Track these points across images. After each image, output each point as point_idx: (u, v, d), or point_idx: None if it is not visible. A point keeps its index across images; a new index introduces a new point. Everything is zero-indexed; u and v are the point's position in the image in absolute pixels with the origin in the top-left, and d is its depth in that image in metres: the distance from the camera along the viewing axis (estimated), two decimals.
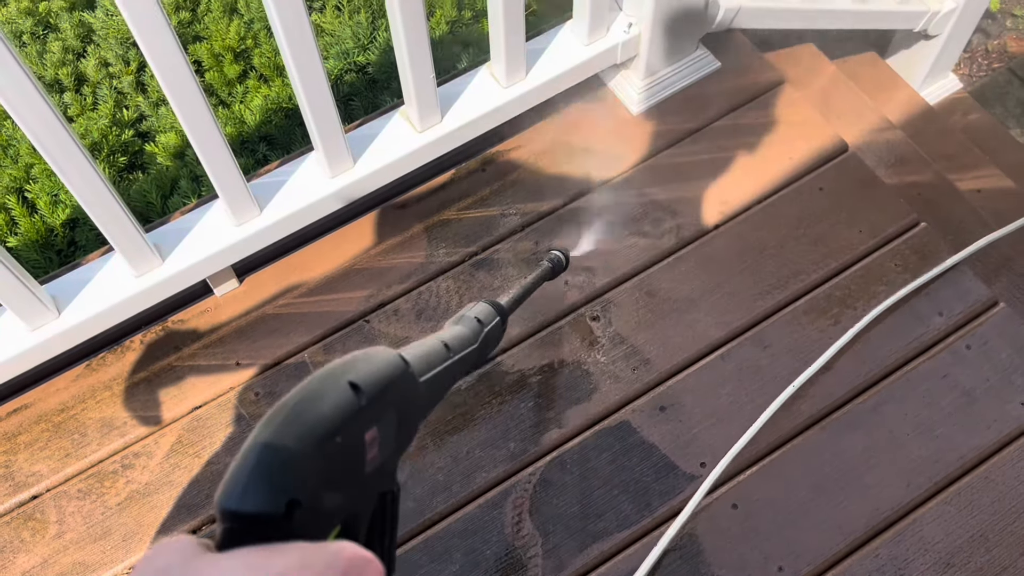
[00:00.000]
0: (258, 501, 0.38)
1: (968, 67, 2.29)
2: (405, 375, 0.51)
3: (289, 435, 0.40)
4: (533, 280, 0.99)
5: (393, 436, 0.48)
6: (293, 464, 0.39)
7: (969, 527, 1.15)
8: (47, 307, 1.20)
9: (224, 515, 0.39)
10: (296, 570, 0.36)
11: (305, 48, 1.10)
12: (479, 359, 0.73)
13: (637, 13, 1.39)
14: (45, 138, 1.01)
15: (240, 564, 0.36)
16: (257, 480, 0.39)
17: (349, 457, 0.43)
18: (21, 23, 2.15)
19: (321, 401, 0.42)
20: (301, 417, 0.41)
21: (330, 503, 0.41)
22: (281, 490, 0.38)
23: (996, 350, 1.26)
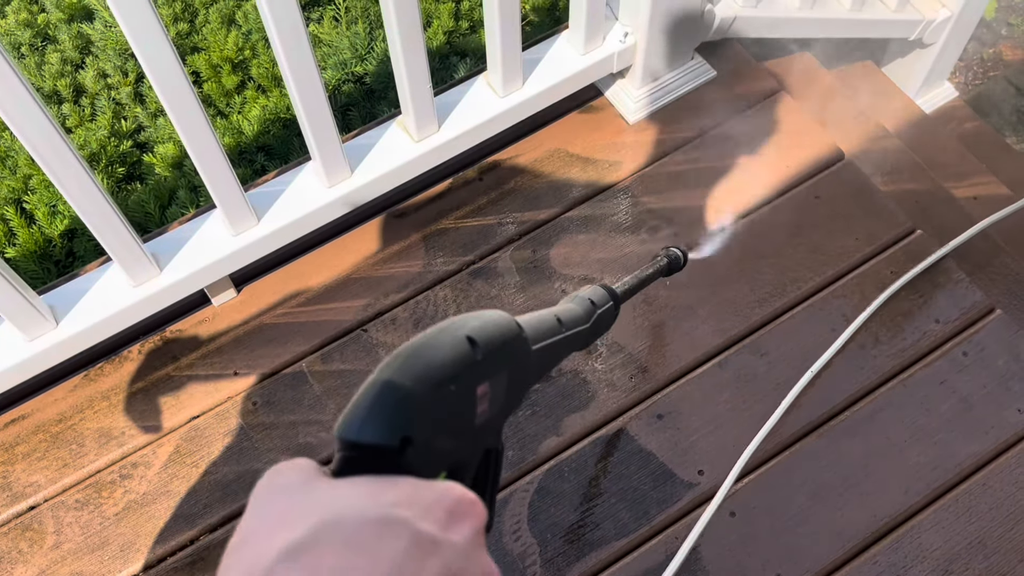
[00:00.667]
0: (375, 433, 0.40)
1: (964, 75, 2.29)
2: (519, 339, 0.53)
3: (408, 376, 0.43)
4: (650, 272, 0.99)
5: (503, 395, 0.50)
6: (410, 402, 0.42)
7: (967, 534, 1.15)
8: (45, 317, 1.20)
9: (342, 444, 0.41)
10: (406, 502, 0.37)
11: (302, 59, 1.11)
12: (589, 339, 0.75)
13: (633, 22, 1.40)
14: (43, 149, 1.01)
15: (355, 490, 0.38)
16: (376, 414, 0.41)
17: (461, 406, 0.45)
18: (19, 35, 2.16)
19: (439, 350, 0.45)
20: (420, 362, 0.44)
21: (440, 446, 0.43)
22: (397, 425, 0.41)
23: (993, 357, 1.27)
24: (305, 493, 0.38)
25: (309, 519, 0.36)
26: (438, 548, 0.37)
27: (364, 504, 0.37)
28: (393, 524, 0.36)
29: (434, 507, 0.38)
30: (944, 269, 1.33)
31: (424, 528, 0.37)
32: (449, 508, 0.39)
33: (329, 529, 0.35)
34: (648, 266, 1.01)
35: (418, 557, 0.36)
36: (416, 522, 0.37)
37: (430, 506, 0.38)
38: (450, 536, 0.38)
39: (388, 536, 0.36)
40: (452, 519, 0.38)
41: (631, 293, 0.89)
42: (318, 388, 1.29)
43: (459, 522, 0.39)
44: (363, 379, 0.44)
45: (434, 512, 0.38)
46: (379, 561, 0.35)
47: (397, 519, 0.36)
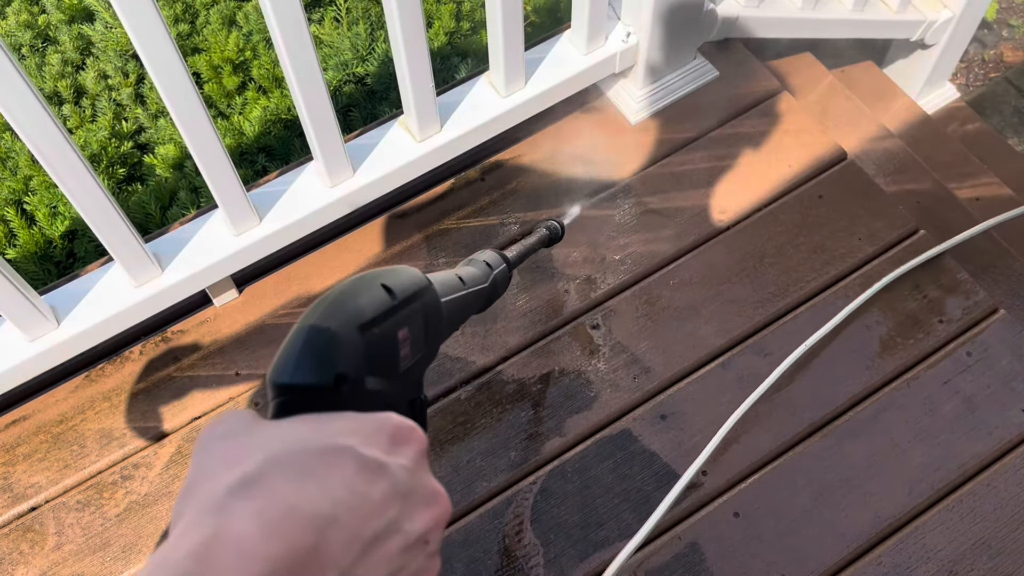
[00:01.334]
0: (308, 374, 0.42)
1: (965, 76, 2.29)
2: (429, 290, 0.55)
3: (332, 320, 0.44)
4: (533, 241, 1.04)
5: (422, 341, 0.52)
6: (338, 342, 0.44)
7: (972, 534, 1.15)
8: (46, 318, 1.20)
9: (277, 389, 0.42)
10: (348, 431, 0.39)
11: (305, 58, 1.11)
12: (489, 299, 0.79)
13: (635, 22, 1.40)
14: (46, 149, 1.01)
15: (297, 426, 0.39)
16: (307, 355, 0.43)
17: (386, 349, 0.47)
18: (20, 36, 2.15)
19: (358, 297, 0.47)
20: (342, 307, 0.46)
21: (371, 388, 0.45)
22: (329, 363, 0.43)
23: (997, 357, 1.26)
24: (248, 435, 0.38)
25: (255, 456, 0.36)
26: (385, 470, 0.38)
27: (308, 436, 0.38)
28: (339, 451, 0.37)
29: (376, 434, 0.39)
30: (948, 269, 1.33)
31: (369, 453, 0.38)
32: (390, 434, 0.40)
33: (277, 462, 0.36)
34: (531, 236, 1.06)
35: (366, 480, 0.37)
36: (360, 448, 0.38)
37: (372, 434, 0.39)
38: (395, 459, 0.39)
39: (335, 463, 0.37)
40: (394, 444, 0.40)
41: (520, 259, 0.95)
42: None
43: (401, 446, 0.40)
44: None
45: (376, 439, 0.39)
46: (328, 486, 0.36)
47: (342, 447, 0.37)
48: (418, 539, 0.40)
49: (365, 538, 0.36)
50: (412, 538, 0.39)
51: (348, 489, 0.36)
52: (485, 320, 1.32)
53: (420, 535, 0.40)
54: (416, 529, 0.39)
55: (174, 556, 0.34)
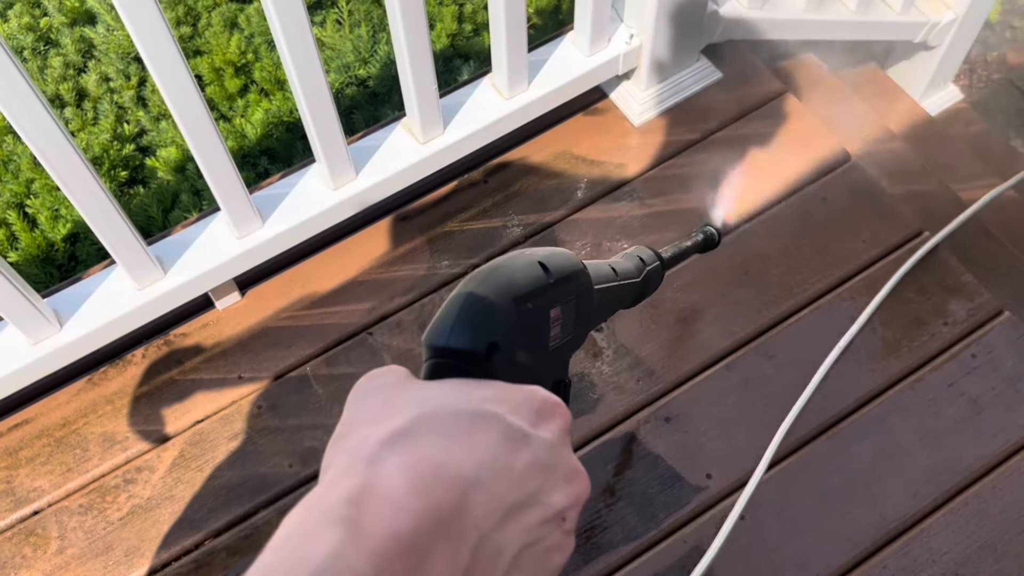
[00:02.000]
0: (463, 339, 0.43)
1: (968, 78, 2.29)
2: (583, 275, 0.56)
3: (490, 290, 0.45)
4: (688, 245, 1.03)
5: (572, 324, 0.53)
6: (495, 311, 0.45)
7: (978, 537, 1.14)
8: (49, 321, 1.20)
9: (432, 351, 0.44)
10: (498, 399, 0.39)
11: (308, 61, 1.10)
12: (640, 295, 0.79)
13: (638, 24, 1.39)
14: (48, 150, 1.00)
15: (448, 388, 0.40)
16: (464, 321, 0.44)
17: (537, 324, 0.48)
18: (22, 38, 2.15)
19: (516, 271, 0.48)
20: (500, 279, 0.47)
21: (521, 361, 0.46)
22: (484, 331, 0.44)
23: (1002, 358, 1.26)
24: (401, 390, 0.40)
25: (407, 412, 0.37)
26: (528, 441, 0.39)
27: (458, 399, 0.39)
28: (486, 417, 0.38)
29: (523, 406, 0.40)
30: (952, 271, 1.33)
31: (515, 423, 0.39)
32: (537, 408, 0.40)
33: (426, 420, 0.37)
34: (686, 239, 1.04)
35: (510, 448, 0.38)
36: (507, 416, 0.38)
37: (519, 404, 0.40)
38: (539, 432, 0.40)
39: (481, 428, 0.38)
40: (540, 417, 0.40)
41: (675, 261, 0.94)
42: (323, 392, 1.29)
43: (547, 420, 0.41)
44: None
45: (523, 410, 0.40)
46: (474, 450, 0.37)
47: (489, 413, 0.38)
48: (556, 514, 0.40)
49: (506, 505, 0.37)
50: (551, 512, 0.39)
51: (493, 455, 0.37)
52: None
53: (559, 510, 0.40)
54: (555, 504, 0.40)
55: (328, 500, 0.35)
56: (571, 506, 0.41)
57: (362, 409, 0.39)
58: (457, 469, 0.36)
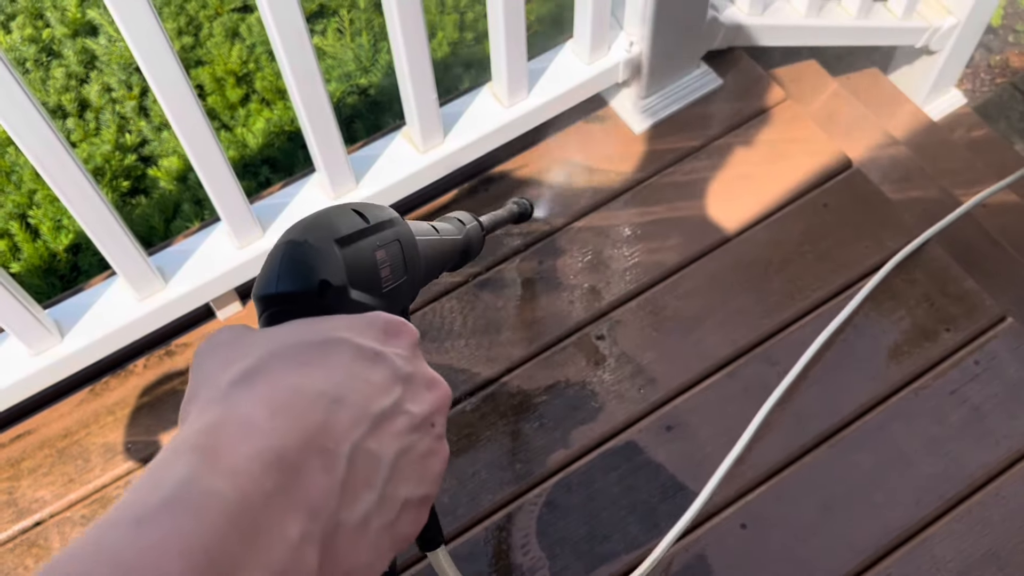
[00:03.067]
0: (292, 282, 0.43)
1: (971, 82, 2.29)
2: (401, 223, 0.57)
3: (310, 235, 0.46)
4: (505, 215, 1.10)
5: (401, 267, 0.54)
6: (316, 251, 0.45)
7: (981, 545, 1.14)
8: (50, 332, 1.20)
9: (264, 302, 0.44)
10: (343, 327, 0.40)
11: (307, 70, 1.10)
12: (463, 255, 0.83)
13: (638, 32, 1.39)
14: (49, 164, 1.01)
15: (291, 327, 0.40)
16: (288, 266, 0.44)
17: (365, 264, 0.49)
18: (24, 50, 2.16)
19: (333, 218, 0.48)
20: (318, 225, 0.47)
21: (356, 298, 0.46)
22: (311, 270, 0.44)
23: (1005, 365, 1.25)
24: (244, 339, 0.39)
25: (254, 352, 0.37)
26: (382, 357, 0.40)
27: (303, 333, 0.39)
28: (335, 341, 0.39)
29: (368, 328, 0.41)
30: (954, 277, 1.32)
31: (364, 343, 0.40)
32: (383, 328, 0.42)
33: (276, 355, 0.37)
34: (503, 210, 1.12)
35: (365, 365, 0.39)
36: (355, 339, 0.39)
37: (365, 327, 0.41)
38: (390, 349, 0.41)
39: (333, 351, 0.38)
40: (388, 336, 0.41)
41: (493, 227, 0.99)
42: None
43: (395, 337, 0.42)
44: None
45: (369, 331, 0.41)
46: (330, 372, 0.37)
47: (337, 338, 0.39)
48: (423, 420, 0.41)
49: (372, 415, 0.38)
50: (417, 419, 0.41)
51: (348, 373, 0.38)
52: (489, 331, 1.32)
53: (425, 417, 0.41)
54: (420, 411, 0.41)
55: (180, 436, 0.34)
56: (435, 411, 0.42)
57: (207, 364, 0.38)
58: (316, 389, 0.36)
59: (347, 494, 0.35)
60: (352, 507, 0.36)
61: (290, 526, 0.32)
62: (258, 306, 0.45)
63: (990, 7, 1.79)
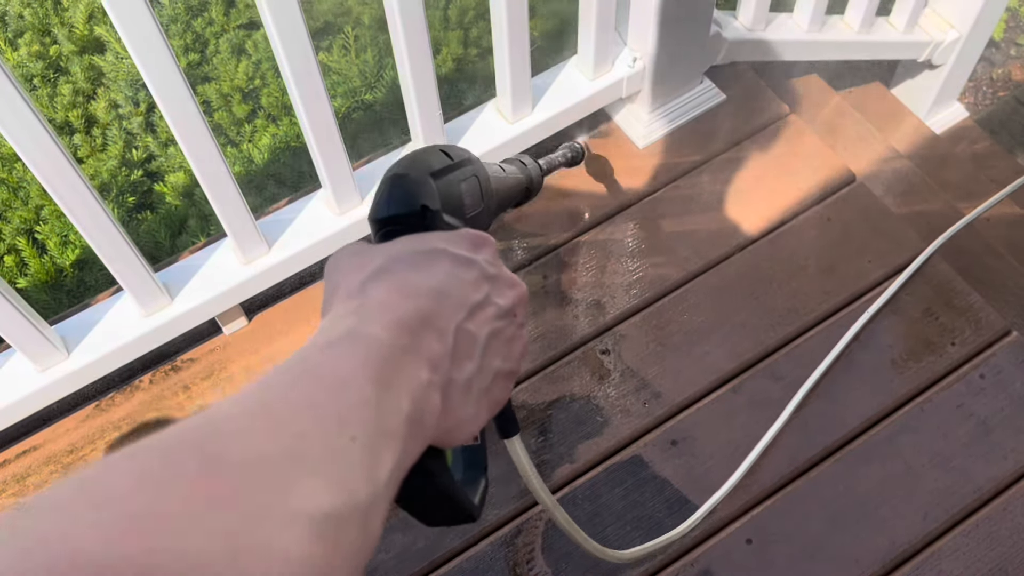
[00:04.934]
0: (399, 206, 0.54)
1: (973, 96, 2.29)
2: (477, 161, 0.66)
3: (410, 169, 0.56)
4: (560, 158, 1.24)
5: (479, 197, 0.64)
6: (415, 182, 0.55)
7: (989, 560, 1.13)
8: (56, 348, 1.20)
9: (378, 224, 0.54)
10: (441, 240, 0.50)
11: (312, 86, 1.11)
12: (526, 192, 0.91)
13: (641, 48, 1.40)
14: (55, 181, 1.01)
15: (402, 241, 0.50)
16: (395, 194, 0.55)
17: (452, 193, 0.59)
18: (32, 66, 2.18)
19: (426, 156, 0.59)
20: (415, 161, 0.57)
21: (448, 220, 0.56)
22: (413, 196, 0.54)
23: (1011, 379, 1.25)
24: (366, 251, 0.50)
25: (377, 260, 0.48)
26: (473, 263, 0.50)
27: (412, 246, 0.49)
28: (437, 252, 0.49)
29: (461, 240, 0.51)
30: (959, 292, 1.32)
31: (459, 252, 0.50)
32: (471, 240, 0.52)
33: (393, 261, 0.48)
34: (558, 154, 1.26)
35: (461, 268, 0.49)
36: (451, 249, 0.50)
37: (458, 240, 0.51)
38: (478, 256, 0.51)
39: (435, 258, 0.49)
40: (475, 246, 0.52)
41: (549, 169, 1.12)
42: None
43: (481, 248, 0.52)
44: None
45: (462, 243, 0.51)
46: (435, 273, 0.48)
47: (438, 248, 0.49)
48: (507, 311, 0.52)
49: (468, 305, 0.48)
50: (503, 309, 0.51)
51: (448, 273, 0.48)
52: None
53: (508, 308, 0.52)
54: (505, 304, 0.51)
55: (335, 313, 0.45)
56: (517, 304, 0.53)
57: (340, 271, 0.49)
58: (427, 285, 0.47)
59: (455, 360, 0.46)
60: (459, 370, 0.46)
61: (421, 371, 0.43)
62: (373, 227, 0.55)
63: (992, 21, 1.79)
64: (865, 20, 1.64)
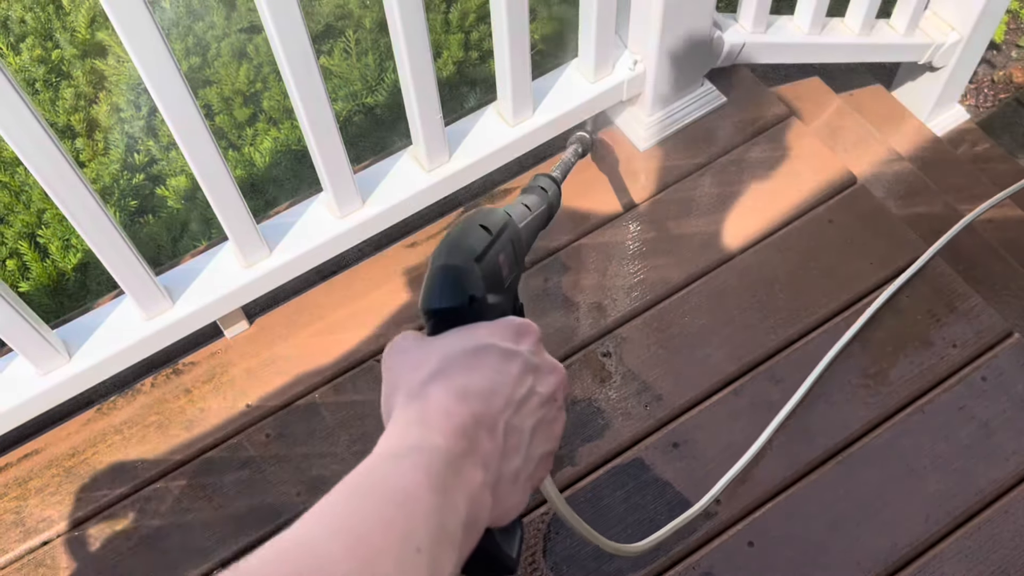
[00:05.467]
0: (449, 299, 0.57)
1: (975, 98, 2.29)
2: (511, 222, 0.69)
3: (456, 258, 0.59)
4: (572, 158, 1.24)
5: (513, 261, 0.67)
6: (464, 273, 0.58)
7: (991, 562, 1.13)
8: (58, 351, 1.20)
9: (429, 314, 0.57)
10: (488, 334, 0.54)
11: (313, 90, 1.11)
12: (549, 217, 0.93)
13: (642, 50, 1.40)
14: (57, 185, 1.01)
15: (453, 337, 0.54)
16: (446, 287, 0.58)
17: (493, 271, 0.62)
18: (34, 71, 2.18)
19: (469, 238, 0.62)
20: (460, 247, 0.60)
21: (491, 301, 0.60)
22: (461, 289, 0.58)
23: (1012, 381, 1.25)
24: (422, 348, 0.54)
25: (433, 360, 0.52)
26: (517, 355, 0.54)
27: (463, 342, 0.53)
28: (485, 348, 0.53)
29: (506, 332, 0.55)
30: (960, 294, 1.32)
31: (504, 345, 0.54)
32: (515, 330, 0.56)
33: (448, 362, 0.52)
34: (567, 152, 1.26)
35: (507, 363, 0.53)
36: (499, 343, 0.54)
37: (503, 333, 0.55)
38: (521, 346, 0.55)
39: (484, 356, 0.53)
40: (519, 336, 0.55)
41: (564, 176, 1.13)
42: (331, 419, 1.29)
43: (523, 337, 0.56)
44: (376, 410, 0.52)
45: (507, 335, 0.55)
46: (485, 372, 0.52)
47: (486, 344, 0.53)
48: (549, 397, 0.55)
49: (515, 401, 0.53)
50: (545, 397, 0.55)
51: (497, 371, 0.52)
52: None
53: (550, 395, 0.55)
54: (546, 391, 0.55)
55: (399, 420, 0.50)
56: (557, 389, 0.56)
57: (398, 368, 0.53)
58: (478, 387, 0.51)
59: (504, 456, 0.51)
60: (508, 464, 0.51)
61: (476, 472, 0.48)
62: (424, 316, 0.58)
63: (993, 23, 1.79)
64: (865, 22, 1.64)
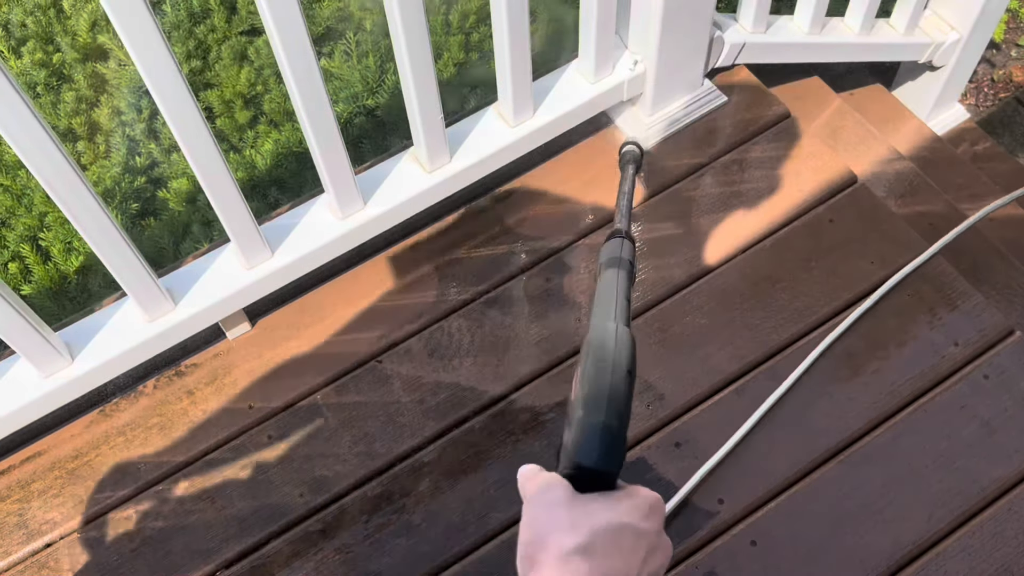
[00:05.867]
0: (606, 463, 0.59)
1: (975, 97, 2.29)
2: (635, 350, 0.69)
3: (612, 416, 0.60)
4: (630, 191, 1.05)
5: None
6: (620, 437, 0.60)
7: (994, 560, 1.13)
8: (60, 354, 1.21)
9: (580, 468, 0.59)
10: (628, 510, 0.58)
11: (314, 92, 1.11)
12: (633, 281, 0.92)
13: (642, 50, 1.40)
14: (59, 187, 1.02)
15: (601, 508, 0.58)
16: (604, 448, 0.59)
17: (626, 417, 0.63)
18: (35, 74, 2.18)
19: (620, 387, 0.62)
20: (614, 402, 0.61)
21: None
22: (619, 456, 0.60)
23: (1014, 379, 1.25)
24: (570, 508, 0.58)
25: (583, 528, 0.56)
26: (645, 536, 0.57)
27: (610, 516, 0.57)
28: (624, 528, 0.57)
29: (641, 507, 0.58)
30: (962, 292, 1.32)
31: (639, 525, 0.57)
32: (649, 507, 0.59)
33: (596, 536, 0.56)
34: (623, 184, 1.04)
35: (638, 541, 0.57)
36: (637, 524, 0.57)
37: (640, 510, 0.58)
38: (650, 526, 0.58)
39: (623, 537, 0.57)
40: (650, 514, 0.59)
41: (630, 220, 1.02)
42: (333, 420, 1.29)
43: (653, 515, 0.59)
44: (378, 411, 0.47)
45: (641, 511, 0.58)
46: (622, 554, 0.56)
47: (626, 524, 0.57)
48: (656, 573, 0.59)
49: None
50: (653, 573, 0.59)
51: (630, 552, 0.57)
52: (497, 349, 1.32)
53: (656, 571, 0.59)
54: (654, 567, 0.59)
55: None
56: (660, 567, 0.60)
57: (550, 523, 0.58)
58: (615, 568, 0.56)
59: None
60: None
61: None
62: (572, 464, 0.60)
63: (992, 22, 1.80)
64: (865, 22, 1.64)
